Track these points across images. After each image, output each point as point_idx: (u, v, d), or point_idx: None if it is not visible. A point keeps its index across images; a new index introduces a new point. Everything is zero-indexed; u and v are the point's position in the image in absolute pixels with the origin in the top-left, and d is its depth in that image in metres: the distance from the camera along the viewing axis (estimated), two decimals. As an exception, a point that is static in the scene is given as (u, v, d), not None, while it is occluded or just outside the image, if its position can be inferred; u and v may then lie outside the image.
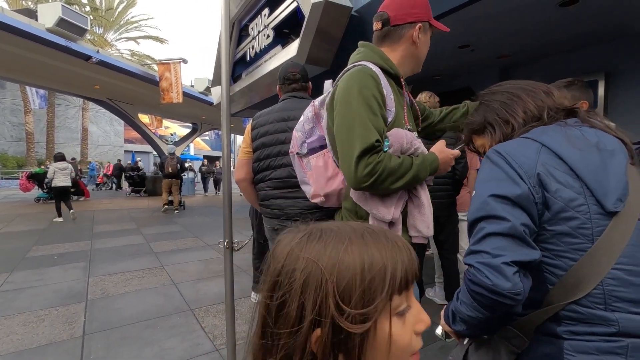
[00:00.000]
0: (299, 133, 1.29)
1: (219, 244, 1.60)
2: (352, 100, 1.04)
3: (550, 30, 3.59)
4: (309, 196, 1.31)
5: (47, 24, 7.96)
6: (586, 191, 0.60)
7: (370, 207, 1.07)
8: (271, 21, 5.11)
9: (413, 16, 1.16)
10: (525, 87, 0.84)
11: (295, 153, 1.31)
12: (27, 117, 19.20)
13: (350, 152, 1.01)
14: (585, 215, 0.59)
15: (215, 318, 2.86)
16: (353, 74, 1.10)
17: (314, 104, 1.26)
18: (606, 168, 0.58)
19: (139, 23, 22.71)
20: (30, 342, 2.49)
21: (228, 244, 1.54)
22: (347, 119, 1.05)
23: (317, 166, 1.22)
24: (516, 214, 0.61)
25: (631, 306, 0.55)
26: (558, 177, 0.62)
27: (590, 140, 0.64)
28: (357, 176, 0.99)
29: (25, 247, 5.27)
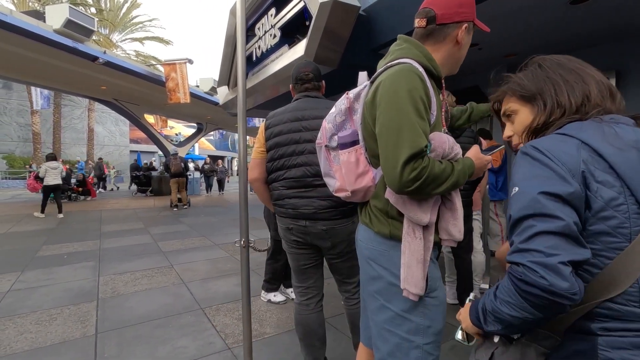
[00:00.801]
0: (329, 125, 1.25)
1: (235, 243, 1.61)
2: (401, 101, 1.01)
3: (560, 29, 3.57)
4: (333, 189, 1.30)
5: (55, 26, 8.03)
6: (626, 190, 0.60)
7: (407, 211, 1.07)
8: (278, 21, 5.12)
9: (460, 15, 1.12)
10: (591, 73, 0.77)
11: (324, 145, 1.27)
12: (33, 117, 19.36)
13: (396, 156, 0.99)
14: (625, 215, 0.60)
15: (226, 317, 2.87)
16: (401, 73, 1.05)
17: (348, 97, 1.20)
18: None
19: (143, 24, 22.86)
20: (44, 341, 2.51)
21: (244, 242, 1.55)
22: (394, 120, 1.02)
23: (348, 162, 1.19)
24: (568, 213, 0.61)
25: None
26: (598, 176, 0.62)
27: (628, 138, 0.63)
28: (402, 181, 0.98)
29: (35, 247, 5.32)
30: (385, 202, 1.13)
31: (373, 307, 1.22)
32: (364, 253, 1.23)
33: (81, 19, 8.42)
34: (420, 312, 1.13)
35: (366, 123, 1.15)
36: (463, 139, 2.68)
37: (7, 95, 20.76)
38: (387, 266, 1.15)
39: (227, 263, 4.47)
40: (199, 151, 33.57)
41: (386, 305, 1.16)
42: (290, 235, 1.82)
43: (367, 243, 1.21)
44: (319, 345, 1.91)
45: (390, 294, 1.15)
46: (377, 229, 1.17)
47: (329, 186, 1.34)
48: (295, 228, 1.77)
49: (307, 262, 1.87)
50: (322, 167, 1.34)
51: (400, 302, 1.14)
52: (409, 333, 1.14)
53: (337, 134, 1.23)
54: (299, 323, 1.91)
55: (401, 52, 1.14)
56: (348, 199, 1.25)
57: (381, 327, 1.18)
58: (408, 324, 1.14)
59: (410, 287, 1.08)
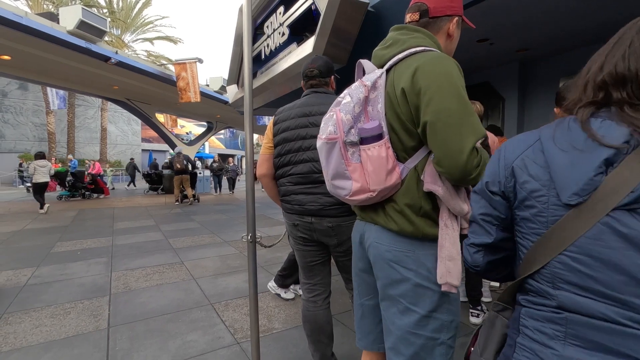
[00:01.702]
0: (347, 116, 1.09)
1: (242, 239, 1.62)
2: (457, 88, 1.00)
3: (573, 21, 3.50)
4: (348, 193, 1.13)
5: (68, 27, 8.19)
6: (551, 184, 0.66)
7: (454, 202, 1.05)
8: (286, 19, 5.13)
9: (451, 9, 1.15)
10: None
11: (342, 141, 1.09)
12: (48, 117, 19.79)
13: (463, 142, 0.97)
14: (543, 205, 0.66)
15: (235, 312, 2.90)
16: (444, 59, 1.04)
17: (365, 85, 1.10)
18: (575, 164, 0.62)
19: (154, 23, 23.14)
20: (58, 334, 2.58)
21: (251, 238, 1.56)
22: (455, 104, 0.99)
23: (379, 157, 1.06)
24: (480, 204, 0.78)
25: (573, 288, 0.62)
26: (531, 169, 0.69)
27: (573, 138, 0.65)
28: (468, 168, 0.97)
29: (50, 243, 5.45)
30: (417, 198, 1.08)
31: (394, 311, 1.15)
32: (385, 256, 1.14)
33: (94, 20, 8.57)
34: (446, 309, 1.11)
35: (397, 111, 1.07)
36: None
37: (23, 95, 21.26)
38: (413, 267, 1.10)
39: (237, 260, 4.51)
40: (209, 150, 33.89)
41: (412, 308, 1.11)
42: (297, 232, 1.82)
43: (390, 245, 1.13)
44: (327, 342, 1.92)
45: (416, 296, 1.10)
46: (400, 228, 1.10)
47: (340, 189, 1.15)
48: (301, 224, 1.77)
49: (314, 259, 1.87)
50: (331, 168, 1.14)
51: (427, 303, 1.10)
52: (434, 332, 1.11)
53: (355, 127, 1.10)
54: (307, 320, 1.92)
55: (417, 41, 1.11)
56: (367, 201, 1.14)
57: (405, 331, 1.12)
58: (434, 322, 1.11)
59: (452, 279, 1.04)
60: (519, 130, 5.10)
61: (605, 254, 0.58)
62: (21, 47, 8.35)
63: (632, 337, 0.55)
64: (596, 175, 0.60)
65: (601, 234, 0.59)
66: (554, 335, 0.64)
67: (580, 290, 0.61)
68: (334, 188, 1.18)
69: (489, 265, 0.80)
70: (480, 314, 2.65)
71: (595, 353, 0.59)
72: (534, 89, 4.98)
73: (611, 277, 0.58)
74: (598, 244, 0.59)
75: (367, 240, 1.22)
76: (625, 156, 0.58)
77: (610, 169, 0.59)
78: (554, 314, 0.65)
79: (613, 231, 0.58)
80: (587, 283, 0.60)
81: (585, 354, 0.60)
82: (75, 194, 11.91)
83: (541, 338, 0.66)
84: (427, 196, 1.08)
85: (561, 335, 0.63)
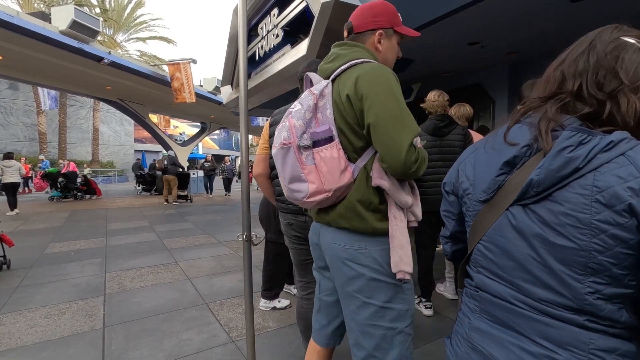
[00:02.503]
0: (299, 122, 1.16)
1: (237, 238, 1.66)
2: (395, 92, 1.12)
3: (561, 26, 3.59)
4: (305, 195, 1.18)
5: (61, 27, 8.14)
6: (474, 182, 0.76)
7: (399, 195, 1.15)
8: (280, 21, 5.17)
9: (375, 24, 1.26)
10: None
11: (296, 145, 1.15)
12: (39, 118, 19.57)
13: (401, 139, 1.07)
14: (470, 201, 0.77)
15: (230, 311, 2.93)
16: (382, 68, 1.15)
17: (314, 93, 1.19)
18: (488, 165, 0.72)
19: (147, 23, 23.01)
20: (53, 334, 2.58)
21: (247, 237, 1.60)
22: (393, 107, 1.10)
23: (331, 158, 1.14)
24: (443, 202, 0.90)
25: (484, 272, 0.73)
26: (467, 170, 0.79)
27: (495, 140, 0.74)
28: (407, 163, 1.07)
29: (43, 244, 5.42)
30: (367, 194, 1.17)
31: (353, 308, 1.23)
32: (340, 255, 1.22)
33: (86, 19, 8.53)
34: (400, 298, 1.21)
35: (344, 116, 1.16)
36: (452, 137, 2.71)
37: (13, 95, 20.98)
38: (366, 263, 1.18)
39: (232, 260, 4.54)
40: (203, 150, 33.74)
41: (368, 302, 1.19)
42: (291, 231, 1.87)
43: (344, 244, 1.21)
44: None
45: (371, 290, 1.19)
46: (352, 225, 1.18)
47: (297, 193, 1.19)
48: (296, 223, 1.82)
49: (308, 257, 1.91)
50: (287, 172, 1.19)
51: (382, 295, 1.19)
52: (392, 321, 1.19)
53: (307, 132, 1.17)
54: (300, 317, 1.97)
55: (357, 54, 1.21)
56: (323, 203, 1.20)
57: (364, 325, 1.20)
58: (390, 312, 1.19)
59: (405, 266, 1.14)
60: (510, 132, 5.19)
61: (502, 243, 0.69)
62: (13, 47, 8.28)
63: (518, 315, 0.66)
64: (498, 176, 0.69)
65: (500, 226, 0.69)
66: (473, 309, 0.76)
67: (488, 273, 0.72)
68: (291, 192, 1.22)
69: (454, 254, 0.93)
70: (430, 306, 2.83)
71: (496, 326, 0.70)
72: (524, 91, 5.08)
73: (506, 263, 0.68)
74: (499, 234, 0.69)
75: (323, 242, 1.30)
76: (528, 159, 0.66)
77: (515, 170, 0.67)
78: (474, 292, 0.77)
79: (508, 223, 0.67)
80: (491, 267, 0.71)
81: (488, 326, 0.71)
82: (67, 195, 11.81)
83: (466, 311, 0.78)
84: (376, 192, 1.18)
85: (477, 309, 0.75)
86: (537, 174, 0.62)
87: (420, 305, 2.86)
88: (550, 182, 0.60)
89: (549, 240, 0.61)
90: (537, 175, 0.62)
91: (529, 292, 0.64)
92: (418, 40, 1.45)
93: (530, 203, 0.64)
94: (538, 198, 0.62)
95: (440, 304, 3.00)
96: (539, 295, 0.63)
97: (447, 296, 3.14)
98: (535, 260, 0.63)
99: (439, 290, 3.21)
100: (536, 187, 0.62)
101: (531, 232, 0.63)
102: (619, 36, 0.66)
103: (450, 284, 3.15)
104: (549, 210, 0.61)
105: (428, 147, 2.71)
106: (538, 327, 0.63)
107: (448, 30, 3.64)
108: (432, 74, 5.59)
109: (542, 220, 0.62)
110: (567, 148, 0.59)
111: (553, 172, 0.60)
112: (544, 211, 0.62)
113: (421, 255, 2.84)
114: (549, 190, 0.61)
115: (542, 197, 0.62)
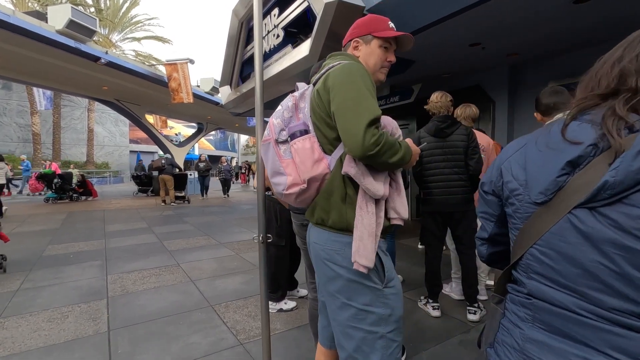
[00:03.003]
0: (277, 120, 1.28)
1: (253, 239, 1.65)
2: (356, 80, 1.15)
3: (563, 27, 3.61)
4: (284, 187, 1.24)
5: (57, 26, 8.06)
6: (526, 183, 0.73)
7: (366, 182, 1.15)
8: (281, 21, 5.15)
9: (352, 35, 1.37)
10: None
11: (274, 140, 1.26)
12: (33, 118, 19.35)
13: (358, 121, 1.09)
14: (520, 202, 0.73)
15: (236, 314, 2.91)
16: (351, 64, 1.22)
17: (294, 95, 1.30)
18: (544, 165, 0.68)
19: (143, 23, 22.86)
20: (57, 338, 2.55)
21: (263, 238, 1.59)
22: (352, 94, 1.13)
23: (303, 149, 1.21)
24: (480, 203, 0.87)
25: (540, 278, 0.69)
26: (514, 170, 0.76)
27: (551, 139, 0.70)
28: (365, 144, 1.07)
29: (41, 247, 5.35)
30: (342, 185, 1.20)
31: (334, 308, 1.25)
32: (320, 255, 1.26)
33: (83, 19, 8.45)
34: (381, 302, 1.20)
35: (317, 110, 1.23)
36: (455, 137, 2.71)
37: (7, 95, 20.74)
38: (344, 264, 1.19)
39: (233, 261, 4.51)
40: (199, 151, 33.59)
41: (348, 303, 1.20)
42: (304, 232, 1.86)
43: (324, 244, 1.24)
44: None
45: (350, 291, 1.19)
46: (333, 220, 1.21)
47: (278, 186, 1.28)
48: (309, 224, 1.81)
49: None
50: (269, 167, 1.30)
51: (361, 297, 1.19)
52: (372, 325, 1.19)
53: (286, 129, 1.26)
54: (313, 318, 1.96)
55: (339, 59, 1.30)
56: (302, 195, 1.24)
57: (345, 326, 1.21)
58: (371, 316, 1.19)
59: (361, 259, 1.14)
60: (509, 132, 5.22)
61: (564, 249, 0.64)
62: (8, 47, 8.18)
63: (584, 325, 0.62)
64: (559, 177, 0.65)
65: (562, 230, 0.64)
66: (525, 318, 0.72)
67: (545, 280, 0.68)
68: (275, 186, 1.30)
69: (491, 257, 0.91)
70: (477, 311, 2.72)
71: (554, 336, 0.66)
72: (523, 92, 5.12)
73: (569, 270, 0.64)
74: (559, 239, 0.65)
75: (309, 242, 1.34)
76: (593, 158, 0.62)
77: (578, 170, 0.63)
78: (525, 299, 0.72)
79: (572, 227, 0.63)
80: (550, 274, 0.67)
81: (545, 336, 0.67)
82: (63, 197, 11.69)
83: (515, 319, 0.74)
84: (350, 182, 1.19)
85: (529, 318, 0.71)
86: (614, 175, 0.57)
87: (427, 306, 2.87)
88: (628, 184, 0.56)
89: (627, 245, 0.57)
90: (613, 177, 0.58)
91: (598, 300, 0.60)
92: (420, 41, 1.46)
93: (599, 206, 0.60)
94: (611, 201, 0.59)
95: (447, 305, 3.01)
96: (610, 304, 0.59)
97: (453, 297, 3.15)
98: (607, 268, 0.59)
99: (445, 291, 3.22)
100: (611, 189, 0.58)
101: (603, 238, 0.59)
102: None
103: (456, 284, 3.16)
104: (625, 215, 0.57)
105: (431, 149, 2.72)
106: (607, 337, 0.59)
107: (450, 31, 3.65)
108: (432, 75, 5.61)
109: (617, 225, 0.58)
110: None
111: (633, 173, 0.56)
112: (618, 215, 0.58)
113: (427, 256, 2.85)
114: (624, 193, 0.57)
115: (615, 200, 0.58)
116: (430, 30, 3.54)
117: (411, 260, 4.37)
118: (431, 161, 2.73)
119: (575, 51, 4.36)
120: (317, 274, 1.30)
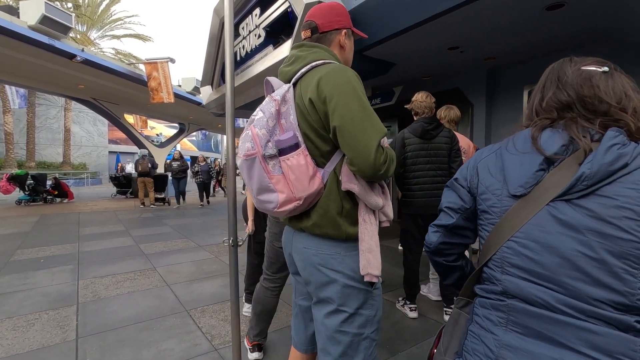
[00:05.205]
0: (262, 130, 1.11)
1: (223, 242, 1.61)
2: (358, 93, 1.09)
3: (537, 33, 3.70)
4: (275, 205, 1.14)
5: (30, 22, 7.76)
6: (504, 180, 0.76)
7: (369, 197, 1.13)
8: (262, 21, 5.10)
9: (339, 23, 1.27)
10: None
11: (261, 155, 1.11)
12: (5, 117, 18.56)
13: (369, 141, 1.04)
14: (498, 197, 0.75)
15: (212, 318, 2.84)
16: (342, 69, 1.13)
17: (275, 99, 1.14)
18: (522, 163, 0.73)
19: (123, 20, 22.31)
20: (21, 347, 2.43)
21: (233, 241, 1.55)
22: (358, 110, 1.07)
23: (298, 165, 1.11)
24: (447, 195, 0.90)
25: (518, 271, 0.69)
26: (491, 168, 0.79)
27: (522, 146, 0.76)
28: (377, 164, 1.04)
29: (9, 251, 5.12)
30: (338, 198, 1.15)
31: (324, 313, 1.20)
32: (312, 260, 1.19)
33: (58, 15, 8.16)
34: (370, 304, 1.20)
35: (308, 120, 1.13)
36: (439, 139, 2.73)
37: (-23, 93, 19.87)
38: (339, 269, 1.16)
39: (212, 265, 4.43)
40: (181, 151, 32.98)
41: (341, 309, 1.17)
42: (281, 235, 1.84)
43: (317, 249, 1.18)
44: (269, 321, 2.27)
45: (345, 296, 1.16)
46: (325, 232, 1.16)
47: (267, 203, 1.15)
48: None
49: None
50: (254, 183, 1.14)
51: (355, 301, 1.17)
52: (360, 327, 1.18)
53: (272, 140, 1.13)
54: (260, 302, 2.18)
55: (317, 55, 1.19)
56: (295, 211, 1.16)
57: (333, 330, 1.18)
58: (359, 318, 1.18)
59: (373, 270, 1.13)
60: (487, 134, 5.32)
61: (545, 239, 0.66)
62: (-24, 42, 7.83)
63: (561, 324, 0.62)
64: (538, 171, 0.70)
65: (542, 221, 0.67)
66: (498, 322, 0.71)
67: (523, 273, 0.68)
68: (261, 203, 1.18)
69: (440, 246, 0.90)
70: (415, 309, 2.79)
71: (530, 339, 0.65)
72: (500, 96, 5.22)
73: (549, 259, 0.66)
74: (540, 229, 0.67)
75: (295, 248, 1.27)
76: (566, 157, 0.68)
77: (552, 167, 0.69)
78: (499, 301, 0.71)
79: (552, 218, 0.67)
80: (529, 265, 0.68)
81: (521, 340, 0.66)
82: (36, 199, 11.26)
83: (487, 324, 0.73)
84: (347, 195, 1.15)
85: (503, 322, 0.70)
86: (589, 167, 0.63)
87: (405, 307, 2.87)
88: (601, 175, 0.62)
89: (606, 233, 0.61)
90: (588, 168, 0.63)
91: (577, 291, 0.62)
92: (400, 44, 1.45)
93: (575, 198, 0.65)
94: (585, 193, 0.64)
95: (424, 306, 3.02)
96: (588, 293, 0.61)
97: (431, 298, 3.17)
98: (586, 256, 0.62)
99: (422, 292, 3.23)
100: (587, 180, 0.63)
101: (583, 226, 0.63)
102: (579, 67, 0.75)
103: (434, 285, 3.18)
104: (601, 205, 0.62)
105: (416, 150, 2.72)
106: (585, 336, 0.60)
107: (429, 35, 3.69)
108: (413, 77, 5.67)
109: (595, 215, 0.62)
110: (616, 145, 0.63)
111: (605, 165, 0.62)
112: (595, 205, 0.63)
113: (407, 258, 2.85)
114: (597, 185, 0.63)
115: (589, 192, 0.64)
116: (410, 33, 3.56)
117: (391, 262, 4.39)
118: (415, 163, 2.72)
119: (551, 55, 4.47)
120: (308, 280, 1.23)
